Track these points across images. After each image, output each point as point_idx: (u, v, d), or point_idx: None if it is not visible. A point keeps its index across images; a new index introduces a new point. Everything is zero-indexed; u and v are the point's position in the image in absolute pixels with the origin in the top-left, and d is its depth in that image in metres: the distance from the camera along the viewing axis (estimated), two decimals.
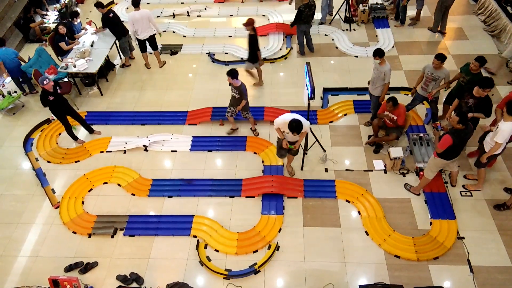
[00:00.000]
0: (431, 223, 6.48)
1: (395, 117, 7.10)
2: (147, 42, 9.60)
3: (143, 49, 9.77)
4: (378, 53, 7.10)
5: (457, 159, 6.33)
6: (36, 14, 11.62)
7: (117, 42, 9.83)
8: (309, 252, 6.23)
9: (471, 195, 6.83)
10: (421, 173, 6.89)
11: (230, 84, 7.50)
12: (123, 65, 10.20)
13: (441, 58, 6.95)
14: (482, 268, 5.91)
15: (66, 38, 9.47)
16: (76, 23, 9.94)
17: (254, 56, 8.73)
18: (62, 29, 9.29)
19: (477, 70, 6.96)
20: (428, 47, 10.09)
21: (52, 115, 8.54)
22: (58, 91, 7.56)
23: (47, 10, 11.97)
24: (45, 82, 7.18)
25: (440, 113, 8.04)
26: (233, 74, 7.25)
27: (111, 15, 9.35)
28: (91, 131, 8.38)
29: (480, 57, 6.90)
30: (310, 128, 7.25)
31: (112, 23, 9.42)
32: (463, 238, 6.27)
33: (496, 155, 6.30)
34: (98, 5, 9.30)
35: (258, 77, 9.33)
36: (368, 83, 7.78)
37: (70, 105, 7.98)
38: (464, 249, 6.13)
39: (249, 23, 8.32)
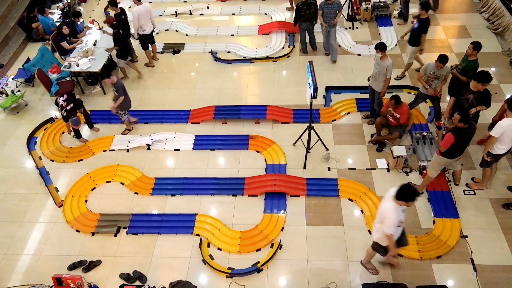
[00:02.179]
0: (434, 222, 6.47)
1: (398, 115, 7.09)
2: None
3: (145, 47, 9.76)
4: (380, 47, 7.11)
5: (460, 158, 6.31)
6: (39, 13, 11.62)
7: None
8: (312, 251, 6.23)
9: (475, 194, 6.81)
10: (424, 171, 6.88)
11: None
12: (130, 61, 10.21)
13: (443, 60, 6.93)
14: (485, 267, 5.89)
15: (68, 37, 9.48)
16: (78, 22, 9.95)
17: (122, 53, 9.06)
18: (66, 30, 9.30)
19: (472, 55, 7.01)
20: (430, 45, 10.05)
21: (56, 115, 8.60)
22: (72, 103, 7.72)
23: (50, 8, 11.98)
24: (77, 123, 7.68)
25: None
26: (105, 75, 7.57)
27: (123, 16, 9.31)
28: (91, 126, 8.44)
29: (476, 42, 6.97)
30: (313, 128, 7.25)
31: (124, 24, 9.37)
32: (466, 236, 6.25)
33: (501, 155, 6.27)
34: (112, 4, 9.26)
35: (125, 73, 9.70)
36: (368, 79, 7.78)
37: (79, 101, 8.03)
38: (467, 248, 6.12)
39: (108, 21, 8.72)
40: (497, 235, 6.26)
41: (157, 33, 11.27)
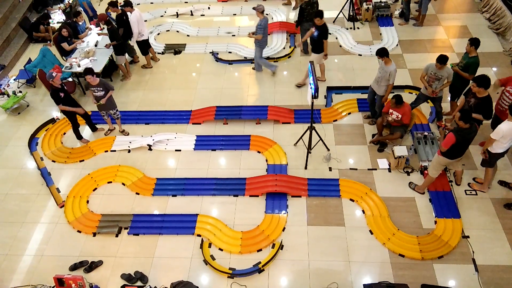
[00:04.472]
0: (435, 222, 6.46)
1: (400, 115, 7.07)
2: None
3: (145, 52, 9.76)
4: (380, 53, 7.09)
5: (461, 158, 6.30)
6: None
7: None
8: (313, 251, 6.23)
9: (476, 194, 6.80)
10: (426, 171, 6.87)
11: (88, 88, 7.68)
12: (131, 62, 10.22)
13: (442, 61, 6.92)
14: (487, 267, 5.88)
15: (69, 39, 9.49)
16: (80, 23, 9.97)
17: (120, 48, 9.11)
18: (65, 32, 9.31)
19: (472, 52, 7.04)
20: (432, 45, 10.04)
21: (57, 115, 8.61)
22: (65, 88, 7.62)
23: (51, 7, 12.02)
24: (53, 75, 7.29)
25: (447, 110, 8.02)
26: (90, 71, 7.37)
27: (125, 17, 9.29)
28: (94, 129, 8.44)
29: (473, 38, 7.02)
30: (314, 128, 7.24)
31: (126, 24, 9.34)
32: (468, 237, 6.24)
33: (500, 155, 6.27)
34: (113, 5, 9.24)
35: (126, 71, 9.68)
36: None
37: (78, 103, 8.02)
38: (469, 248, 6.11)
39: (101, 18, 8.82)
40: (499, 235, 6.24)
41: (158, 34, 11.30)
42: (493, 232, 6.28)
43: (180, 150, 7.99)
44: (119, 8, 9.33)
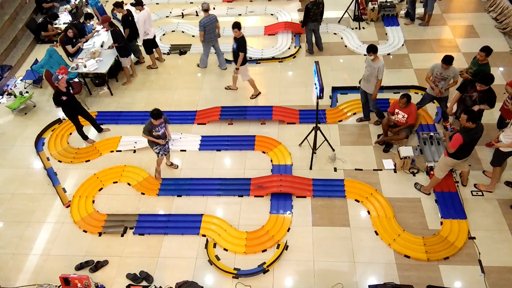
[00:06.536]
0: (441, 223, 6.42)
1: (406, 115, 7.04)
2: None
3: (149, 51, 9.78)
4: (373, 49, 7.10)
5: (468, 159, 6.26)
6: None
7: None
8: (318, 252, 6.22)
9: (482, 195, 6.75)
10: (431, 172, 6.83)
11: (150, 133, 6.76)
12: (137, 62, 10.25)
13: (448, 62, 6.88)
14: (493, 268, 5.84)
15: (75, 39, 9.54)
16: (89, 24, 10.03)
17: (124, 50, 9.13)
18: (71, 33, 9.35)
19: (484, 60, 6.98)
20: (438, 45, 9.99)
21: (64, 116, 8.65)
22: (71, 91, 7.65)
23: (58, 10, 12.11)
24: (59, 77, 7.32)
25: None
26: (160, 114, 6.59)
27: (130, 18, 9.33)
28: (99, 130, 8.47)
29: (486, 47, 6.92)
30: (319, 128, 7.23)
31: (131, 25, 9.39)
32: (474, 238, 6.20)
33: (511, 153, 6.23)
34: (118, 5, 9.28)
35: (129, 75, 9.69)
36: (359, 82, 7.76)
37: (81, 105, 8.07)
38: (475, 249, 6.07)
39: (105, 20, 8.93)
40: (505, 236, 6.20)
41: (164, 34, 11.33)
42: (500, 233, 6.24)
43: (185, 150, 8.01)
44: (130, 6, 9.36)
